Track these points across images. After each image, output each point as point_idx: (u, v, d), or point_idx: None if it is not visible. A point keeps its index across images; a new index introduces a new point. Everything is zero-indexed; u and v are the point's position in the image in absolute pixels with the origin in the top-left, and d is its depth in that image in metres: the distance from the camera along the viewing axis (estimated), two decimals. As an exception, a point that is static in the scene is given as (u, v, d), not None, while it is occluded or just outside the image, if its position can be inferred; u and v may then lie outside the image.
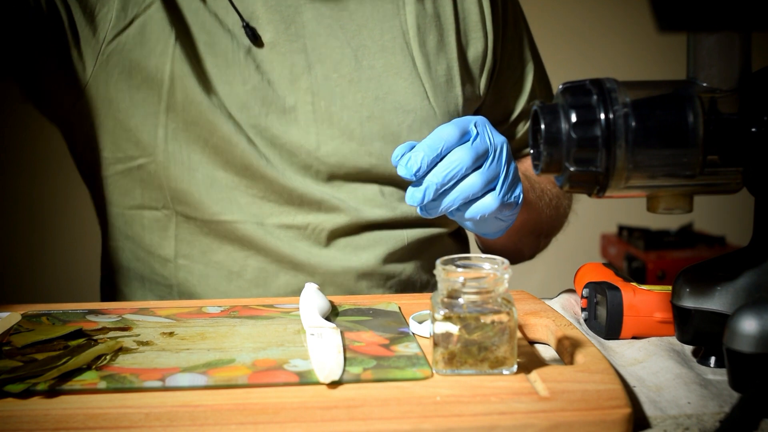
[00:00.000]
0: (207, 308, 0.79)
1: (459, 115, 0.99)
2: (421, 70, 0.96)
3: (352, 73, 0.93)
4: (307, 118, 0.92)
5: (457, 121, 0.78)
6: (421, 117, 0.95)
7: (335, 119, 0.93)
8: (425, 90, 0.96)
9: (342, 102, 0.93)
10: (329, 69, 0.93)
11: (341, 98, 0.93)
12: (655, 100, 0.64)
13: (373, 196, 0.96)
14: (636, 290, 0.79)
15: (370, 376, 0.62)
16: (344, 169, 0.94)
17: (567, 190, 0.66)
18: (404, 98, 0.95)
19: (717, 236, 2.58)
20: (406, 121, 0.94)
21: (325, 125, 0.93)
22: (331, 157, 0.93)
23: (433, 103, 0.96)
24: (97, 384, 0.60)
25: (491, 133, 0.79)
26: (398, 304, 0.80)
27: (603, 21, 2.72)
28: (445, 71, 0.97)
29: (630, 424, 0.59)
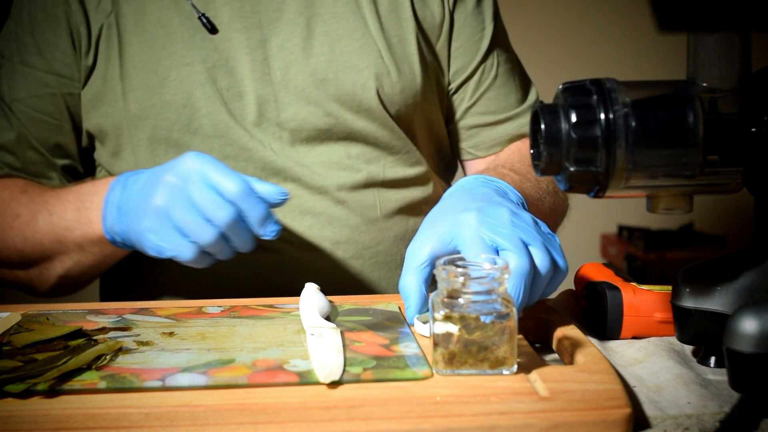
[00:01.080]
0: (207, 308, 0.79)
1: (415, 75, 1.01)
2: (373, 31, 1.00)
3: (305, 41, 0.99)
4: (265, 88, 0.98)
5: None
6: (375, 73, 0.99)
7: (291, 85, 0.98)
8: (378, 49, 1.00)
9: (297, 68, 0.98)
10: (283, 39, 0.98)
11: (295, 65, 0.98)
12: (655, 100, 0.64)
13: (338, 159, 0.99)
14: (636, 290, 0.79)
15: (370, 376, 0.62)
16: (305, 132, 0.98)
17: (567, 190, 0.66)
18: (357, 58, 0.99)
19: (717, 236, 2.58)
20: (360, 80, 0.99)
21: (282, 92, 0.98)
22: (291, 122, 0.98)
23: (387, 61, 1.00)
24: (97, 384, 0.60)
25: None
26: (398, 304, 0.80)
27: (603, 21, 2.71)
28: (398, 33, 1.01)
29: (630, 424, 0.59)
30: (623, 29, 2.64)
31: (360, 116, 0.99)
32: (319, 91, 0.98)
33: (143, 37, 0.97)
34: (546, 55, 2.59)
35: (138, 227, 0.79)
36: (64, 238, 0.90)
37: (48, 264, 0.94)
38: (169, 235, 0.77)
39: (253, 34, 0.98)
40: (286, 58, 0.98)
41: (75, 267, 0.93)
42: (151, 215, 0.77)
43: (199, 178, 0.76)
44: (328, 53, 0.98)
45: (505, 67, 1.08)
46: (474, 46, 1.05)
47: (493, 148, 1.08)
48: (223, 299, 0.82)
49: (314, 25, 0.99)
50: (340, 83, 0.98)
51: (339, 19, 0.99)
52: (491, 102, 1.07)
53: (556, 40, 2.65)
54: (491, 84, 1.06)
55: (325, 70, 0.98)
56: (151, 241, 0.78)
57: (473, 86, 1.06)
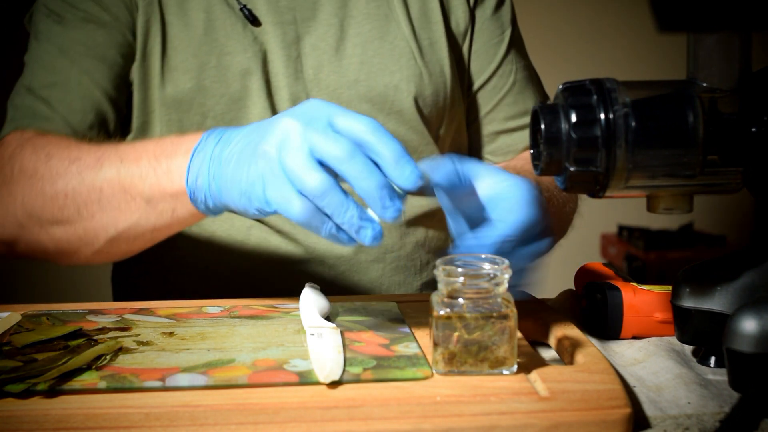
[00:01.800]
0: (207, 308, 0.79)
1: (446, 79, 1.02)
2: (406, 33, 1.01)
3: (338, 41, 0.99)
4: (298, 85, 0.98)
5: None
6: (407, 76, 1.00)
7: (323, 84, 0.98)
8: (411, 51, 1.01)
9: (329, 68, 0.98)
10: (316, 39, 0.99)
11: (328, 64, 0.99)
12: (655, 100, 0.64)
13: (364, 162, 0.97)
14: (636, 290, 0.79)
15: (370, 376, 0.62)
16: None
17: (567, 190, 0.66)
18: (390, 60, 1.00)
19: (717, 236, 2.58)
20: (392, 82, 0.99)
21: (314, 91, 0.98)
22: None
23: (419, 63, 1.01)
24: (97, 384, 0.60)
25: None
26: (398, 304, 0.80)
27: (603, 21, 2.71)
28: (429, 36, 1.02)
29: (630, 424, 0.59)
30: (623, 29, 2.64)
31: (391, 118, 1.00)
32: (350, 92, 0.98)
33: (184, 20, 0.97)
34: (546, 55, 2.59)
35: (238, 177, 0.67)
36: (131, 187, 0.77)
37: (100, 220, 0.79)
38: (282, 186, 0.64)
39: (288, 30, 0.98)
40: (318, 58, 0.98)
41: (132, 228, 0.79)
42: (258, 161, 0.66)
43: (321, 121, 0.66)
44: (361, 54, 0.99)
45: (523, 73, 1.08)
46: (492, 50, 1.06)
47: (509, 154, 1.09)
48: (223, 299, 0.82)
49: (347, 27, 0.99)
50: (372, 84, 0.99)
51: (372, 20, 1.00)
52: (510, 108, 1.07)
53: (555, 41, 2.65)
54: (510, 90, 1.07)
55: (357, 71, 0.99)
56: (253, 195, 0.66)
57: (491, 91, 1.07)
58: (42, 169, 0.83)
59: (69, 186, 0.80)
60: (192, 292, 0.97)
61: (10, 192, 0.85)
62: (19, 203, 0.84)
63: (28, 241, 0.85)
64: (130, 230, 0.79)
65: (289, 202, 0.64)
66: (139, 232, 0.79)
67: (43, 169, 0.83)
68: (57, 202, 0.81)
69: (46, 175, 0.82)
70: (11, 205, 0.85)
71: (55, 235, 0.83)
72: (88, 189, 0.79)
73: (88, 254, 0.83)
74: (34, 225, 0.83)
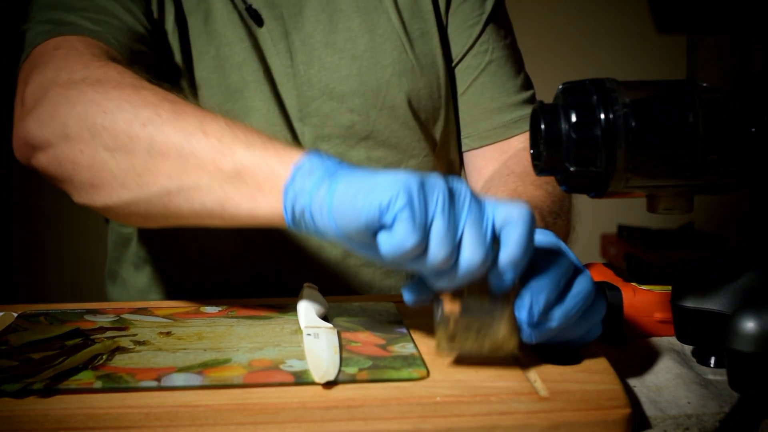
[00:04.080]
0: (205, 308, 0.79)
1: (438, 70, 1.00)
2: (396, 26, 0.99)
3: (327, 37, 0.98)
4: (288, 82, 0.97)
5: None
6: (399, 70, 0.99)
7: (314, 81, 0.97)
8: (402, 43, 0.99)
9: (320, 64, 0.97)
10: (305, 35, 0.97)
11: (319, 60, 0.97)
12: (655, 100, 0.64)
13: (358, 162, 0.98)
14: (636, 290, 0.78)
15: (365, 376, 0.62)
16: (327, 129, 0.97)
17: (567, 191, 0.66)
18: (381, 54, 0.98)
19: (717, 236, 2.57)
20: (384, 75, 0.98)
21: (305, 87, 0.97)
22: (313, 118, 0.97)
23: (410, 56, 0.99)
24: (92, 384, 0.60)
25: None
26: (395, 304, 0.80)
27: (603, 21, 2.71)
28: (420, 26, 1.01)
29: (630, 424, 0.59)
30: (623, 29, 2.63)
31: (384, 113, 0.98)
32: (343, 87, 0.97)
33: (187, 6, 0.95)
34: (546, 55, 2.59)
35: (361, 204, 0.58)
36: (224, 152, 0.65)
37: (169, 167, 0.67)
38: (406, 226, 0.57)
39: (276, 26, 0.97)
40: (308, 54, 0.97)
41: (193, 192, 0.67)
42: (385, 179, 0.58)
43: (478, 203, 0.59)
44: (351, 49, 0.98)
45: (501, 53, 1.04)
46: (467, 31, 1.03)
47: (486, 140, 1.04)
48: (221, 299, 0.82)
49: (336, 21, 0.98)
50: (363, 79, 0.98)
51: (361, 14, 0.99)
52: (485, 87, 1.04)
53: (556, 40, 2.65)
54: (484, 69, 1.03)
55: (348, 66, 0.97)
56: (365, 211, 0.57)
57: (464, 71, 1.04)
58: (116, 89, 0.71)
59: (151, 124, 0.68)
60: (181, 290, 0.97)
61: (69, 98, 0.72)
62: (78, 113, 0.71)
63: (63, 155, 0.72)
64: (191, 191, 0.67)
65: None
66: (196, 201, 0.67)
67: (119, 91, 0.71)
68: (130, 128, 0.68)
69: (126, 100, 0.70)
70: (64, 111, 0.72)
71: (105, 161, 0.70)
72: (172, 132, 0.67)
73: (125, 198, 0.70)
74: (84, 142, 0.70)
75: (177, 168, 0.67)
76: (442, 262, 0.58)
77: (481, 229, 0.58)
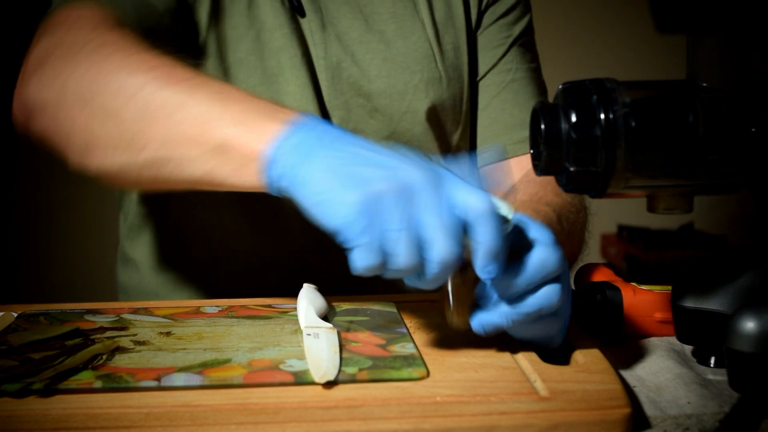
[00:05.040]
0: (205, 308, 0.79)
1: (463, 85, 1.02)
2: (430, 36, 1.01)
3: (362, 36, 0.99)
4: (322, 72, 0.98)
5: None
6: (427, 78, 1.00)
7: (344, 75, 0.98)
8: (433, 53, 1.01)
9: (352, 60, 0.98)
10: (341, 31, 0.99)
11: (351, 56, 0.98)
12: (655, 100, 0.64)
13: None
14: (636, 290, 0.78)
15: (365, 376, 0.62)
16: (351, 122, 0.99)
17: (567, 190, 0.66)
18: (413, 60, 1.00)
19: (717, 236, 2.57)
20: (412, 81, 0.99)
21: (335, 80, 0.98)
22: (341, 110, 0.98)
23: (440, 66, 1.01)
24: (92, 384, 0.60)
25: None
26: (396, 304, 0.80)
27: (603, 21, 2.71)
28: (453, 40, 1.02)
29: (630, 424, 0.59)
30: (623, 29, 2.63)
31: (406, 117, 1.00)
32: (370, 86, 0.99)
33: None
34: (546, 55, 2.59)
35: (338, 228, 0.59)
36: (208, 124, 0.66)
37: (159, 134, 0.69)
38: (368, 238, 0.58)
39: (314, 17, 0.98)
40: (343, 48, 0.98)
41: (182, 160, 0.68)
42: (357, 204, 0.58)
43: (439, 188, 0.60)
44: (384, 51, 0.99)
45: (524, 74, 1.06)
46: (492, 51, 1.05)
47: (506, 154, 1.05)
48: (221, 299, 0.82)
49: (372, 23, 1.00)
50: (392, 81, 0.99)
51: (397, 20, 1.00)
52: (504, 104, 1.05)
53: (556, 40, 2.65)
54: (506, 87, 1.05)
55: (379, 67, 0.99)
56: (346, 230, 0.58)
57: (487, 88, 1.05)
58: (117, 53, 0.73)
59: (145, 88, 0.69)
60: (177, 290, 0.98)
61: (70, 61, 0.73)
62: (77, 77, 0.72)
63: (60, 117, 0.73)
64: (180, 161, 0.68)
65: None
66: (185, 170, 0.68)
67: (120, 54, 0.72)
68: (122, 95, 0.70)
69: (125, 63, 0.71)
70: (64, 74, 0.73)
71: (99, 125, 0.71)
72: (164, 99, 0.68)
73: (117, 162, 0.71)
74: (80, 105, 0.71)
75: (166, 137, 0.68)
76: (409, 270, 0.58)
77: (444, 223, 0.58)
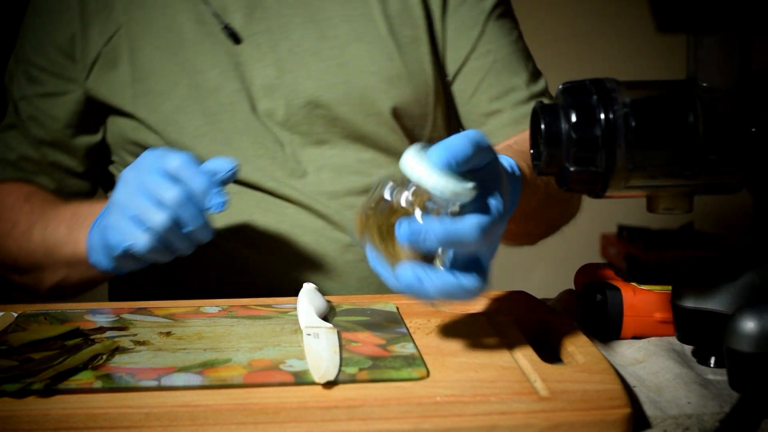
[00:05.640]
0: (205, 308, 0.79)
1: (427, 77, 1.00)
2: (383, 33, 0.99)
3: (315, 45, 0.99)
4: (275, 92, 0.98)
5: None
6: (386, 77, 0.99)
7: (301, 89, 0.98)
8: (389, 51, 0.99)
9: (307, 72, 0.98)
10: (293, 44, 0.99)
11: (306, 69, 0.98)
12: (655, 100, 0.64)
13: (349, 163, 0.99)
14: (636, 290, 0.78)
15: (365, 376, 0.62)
16: (315, 135, 0.99)
17: (567, 190, 0.66)
18: (367, 61, 0.99)
19: (717, 236, 2.57)
20: (370, 83, 0.98)
21: (292, 96, 0.98)
22: (302, 126, 0.99)
23: (398, 62, 0.99)
24: (92, 384, 0.60)
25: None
26: (396, 304, 0.80)
27: (603, 21, 2.71)
28: (410, 33, 1.00)
29: (630, 424, 0.59)
30: (623, 29, 2.63)
31: (370, 119, 0.99)
32: (329, 95, 0.98)
33: (155, 43, 0.98)
34: (546, 55, 2.58)
35: (101, 229, 0.79)
36: (53, 253, 0.92)
37: (40, 274, 0.95)
38: (125, 225, 0.76)
39: (263, 39, 0.98)
40: (296, 62, 0.98)
41: (65, 280, 0.94)
42: (109, 212, 0.78)
43: (150, 166, 0.77)
44: (338, 57, 0.98)
45: (506, 50, 1.03)
46: (465, 33, 1.02)
47: (498, 138, 1.03)
48: (221, 299, 0.82)
49: (325, 29, 0.99)
50: (350, 87, 0.98)
51: (350, 22, 0.99)
52: (492, 88, 1.03)
53: (556, 40, 2.65)
54: (490, 70, 1.02)
55: (335, 74, 0.98)
56: (109, 237, 0.77)
57: (468, 74, 1.03)
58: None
59: (12, 249, 0.97)
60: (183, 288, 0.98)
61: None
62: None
63: (5, 275, 1.01)
64: (64, 282, 0.94)
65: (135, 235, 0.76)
66: (73, 283, 0.94)
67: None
68: (7, 259, 0.98)
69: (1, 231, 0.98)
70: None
71: (15, 278, 1.00)
72: (26, 254, 0.95)
73: (42, 294, 0.98)
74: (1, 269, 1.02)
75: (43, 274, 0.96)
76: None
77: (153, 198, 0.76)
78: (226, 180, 0.77)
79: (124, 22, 0.98)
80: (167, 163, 0.76)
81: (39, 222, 0.94)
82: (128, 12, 0.99)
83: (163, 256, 0.78)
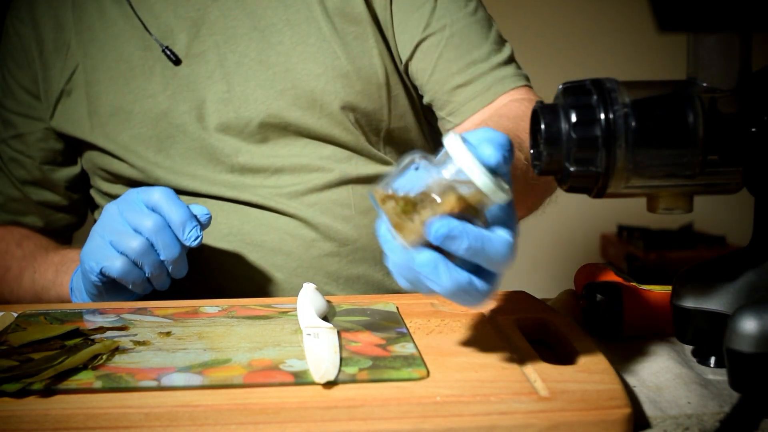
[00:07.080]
0: (205, 308, 0.79)
1: (376, 70, 1.00)
2: (327, 33, 0.99)
3: (260, 54, 0.99)
4: (227, 106, 0.99)
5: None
6: (333, 76, 0.99)
7: (251, 99, 0.99)
8: (334, 50, 0.99)
9: (256, 82, 0.99)
10: (240, 56, 1.00)
11: (254, 79, 0.99)
12: (655, 100, 0.64)
13: (309, 161, 1.00)
14: (636, 290, 0.78)
15: (365, 376, 0.62)
16: (271, 141, 1.00)
17: (567, 191, 0.66)
18: (313, 64, 0.99)
19: (717, 236, 2.58)
20: (318, 85, 0.99)
21: (243, 108, 0.99)
22: (256, 135, 1.00)
23: (344, 60, 0.99)
24: (92, 384, 0.60)
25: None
26: (396, 304, 0.80)
27: (603, 21, 2.72)
28: (354, 29, 1.00)
29: (630, 424, 0.59)
30: (623, 29, 2.64)
31: (323, 120, 0.99)
32: (279, 102, 0.98)
33: (108, 74, 1.00)
34: (546, 55, 2.59)
35: (82, 262, 0.84)
36: (41, 296, 0.98)
37: None
38: (102, 250, 0.81)
39: (211, 56, 0.99)
40: (245, 74, 0.99)
41: None
42: (89, 240, 0.84)
43: (132, 199, 0.83)
44: (285, 62, 0.99)
45: (462, 23, 1.01)
46: (416, 14, 1.01)
47: (466, 113, 1.01)
48: (221, 299, 0.82)
49: (269, 36, 0.99)
50: (299, 91, 0.98)
51: (292, 27, 0.99)
52: (452, 63, 1.01)
53: (556, 40, 2.65)
54: (447, 44, 1.00)
55: (283, 80, 0.99)
56: (85, 261, 0.82)
57: (425, 52, 1.01)
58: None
59: (4, 293, 1.04)
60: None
61: None
62: None
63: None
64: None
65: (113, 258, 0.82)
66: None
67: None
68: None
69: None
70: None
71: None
72: (17, 298, 1.03)
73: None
74: None
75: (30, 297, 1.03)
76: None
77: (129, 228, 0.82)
78: (204, 224, 0.84)
79: (81, 58, 1.01)
80: (148, 196, 0.82)
81: (29, 267, 1.01)
82: (83, 48, 1.01)
83: (140, 284, 0.83)
